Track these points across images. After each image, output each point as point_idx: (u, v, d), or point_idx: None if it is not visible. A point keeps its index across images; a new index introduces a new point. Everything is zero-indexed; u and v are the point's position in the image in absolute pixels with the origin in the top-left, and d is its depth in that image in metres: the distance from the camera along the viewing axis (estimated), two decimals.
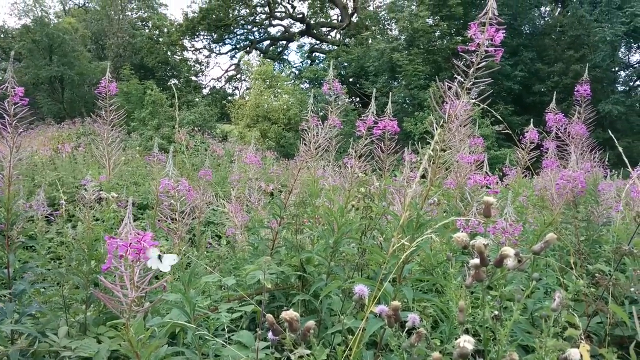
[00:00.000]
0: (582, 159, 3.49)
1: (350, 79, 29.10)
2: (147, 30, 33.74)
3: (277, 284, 2.89)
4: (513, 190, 3.71)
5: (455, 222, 1.87)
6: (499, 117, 2.71)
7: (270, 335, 1.04)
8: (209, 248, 3.98)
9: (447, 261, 1.50)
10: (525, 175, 4.20)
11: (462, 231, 1.74)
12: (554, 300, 1.12)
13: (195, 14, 32.18)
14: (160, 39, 32.64)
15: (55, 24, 27.48)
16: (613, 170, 4.41)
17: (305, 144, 2.80)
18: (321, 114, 2.83)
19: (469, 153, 3.71)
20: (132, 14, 35.42)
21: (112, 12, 32.76)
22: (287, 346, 0.98)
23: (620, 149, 2.81)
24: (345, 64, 28.96)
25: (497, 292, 1.69)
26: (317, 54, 35.44)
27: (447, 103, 1.53)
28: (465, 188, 2.20)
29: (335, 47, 31.30)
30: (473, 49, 1.50)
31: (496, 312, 0.89)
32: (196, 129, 18.55)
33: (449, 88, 1.50)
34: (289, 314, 0.97)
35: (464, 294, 1.82)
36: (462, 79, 1.52)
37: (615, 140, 3.06)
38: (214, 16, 32.10)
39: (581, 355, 0.90)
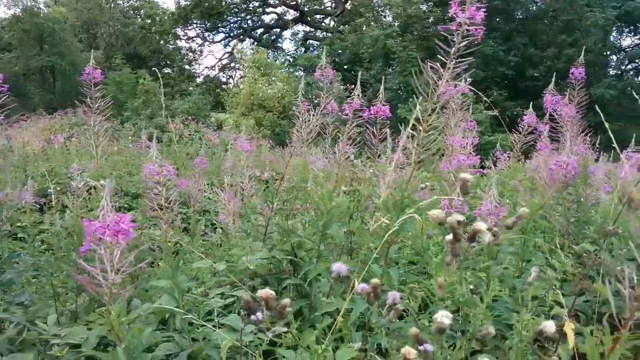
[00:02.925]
0: (574, 141, 3.50)
1: (345, 66, 29.02)
2: (139, 19, 33.49)
3: (270, 269, 2.90)
4: (506, 174, 3.73)
5: (441, 202, 1.87)
6: (486, 99, 2.70)
7: (253, 316, 1.04)
8: (205, 236, 3.98)
9: (428, 239, 1.50)
10: (519, 160, 4.22)
11: (446, 211, 1.75)
12: (531, 274, 1.13)
13: (188, 2, 31.92)
14: (153, 28, 32.40)
15: (46, 14, 27.22)
16: (604, 153, 4.43)
17: (296, 130, 2.80)
18: (316, 101, 2.82)
19: (462, 137, 3.71)
20: (123, 3, 35.16)
21: (104, 1, 32.48)
22: (265, 325, 0.98)
23: (610, 132, 2.82)
24: (340, 51, 28.88)
25: (482, 271, 1.70)
26: (311, 41, 35.27)
27: (429, 84, 1.52)
28: (450, 168, 2.21)
29: (330, 35, 31.17)
30: (454, 28, 1.49)
31: (472, 287, 0.89)
32: (190, 118, 18.46)
33: (432, 68, 1.49)
34: (265, 292, 0.97)
35: (452, 271, 1.83)
36: (445, 59, 1.51)
37: (607, 123, 3.07)
38: (206, 4, 31.85)
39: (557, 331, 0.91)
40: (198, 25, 34.27)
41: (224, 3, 32.76)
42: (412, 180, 1.59)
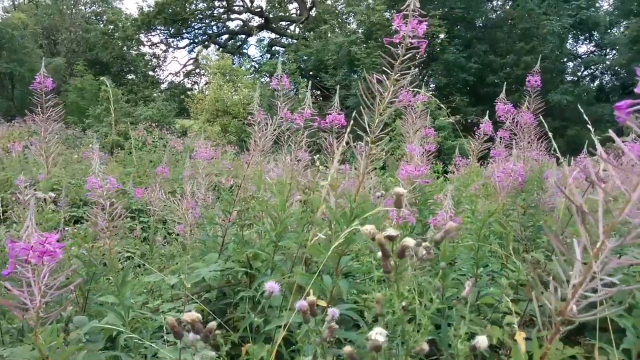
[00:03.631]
0: (530, 147, 3.57)
1: (310, 72, 29.10)
2: (101, 25, 32.85)
3: (229, 280, 2.86)
4: (464, 180, 3.79)
5: (389, 212, 1.88)
6: (441, 105, 2.73)
7: (192, 335, 1.01)
8: (164, 246, 3.91)
9: (370, 253, 1.51)
10: (481, 165, 4.28)
11: (394, 221, 1.75)
12: (465, 289, 1.14)
13: (151, 8, 31.45)
14: (116, 34, 31.82)
15: (4, 20, 26.46)
16: (562, 158, 4.54)
17: (253, 139, 2.78)
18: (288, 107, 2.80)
19: (422, 144, 3.75)
20: (85, 9, 34.46)
21: (64, 7, 31.75)
22: (192, 350, 0.96)
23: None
24: (305, 58, 28.92)
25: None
26: (276, 47, 35.22)
27: (375, 96, 1.53)
28: (399, 178, 2.22)
29: (295, 41, 31.19)
30: (397, 41, 1.50)
31: (404, 303, 0.89)
32: (154, 124, 18.16)
33: (378, 81, 1.50)
34: (190, 315, 0.95)
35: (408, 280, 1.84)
36: (389, 71, 1.52)
37: (567, 128, 3.13)
38: (170, 10, 31.45)
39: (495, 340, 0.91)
40: (162, 31, 33.82)
41: (188, 9, 32.41)
42: (362, 190, 1.58)
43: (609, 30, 27.95)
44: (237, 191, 2.92)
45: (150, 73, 33.82)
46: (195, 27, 34.77)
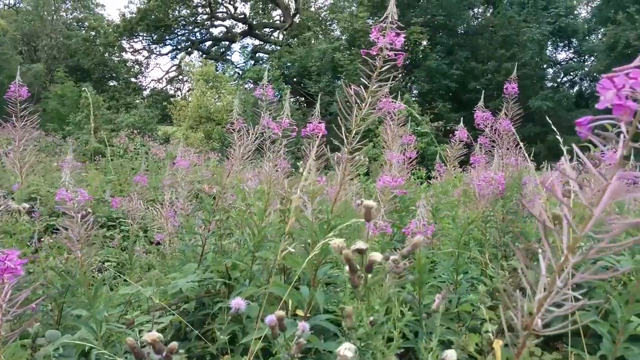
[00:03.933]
0: (509, 153, 3.59)
1: (294, 79, 29.13)
2: (83, 32, 32.55)
3: (208, 290, 2.83)
4: (443, 187, 3.80)
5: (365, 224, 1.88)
6: (418, 116, 2.75)
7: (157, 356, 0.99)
8: (143, 256, 3.86)
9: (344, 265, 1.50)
10: (464, 170, 4.31)
11: (370, 233, 1.75)
12: (435, 302, 1.14)
13: (133, 15, 31.25)
14: (97, 40, 31.54)
15: None
16: (543, 163, 4.59)
17: (232, 149, 2.76)
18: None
19: (402, 152, 3.76)
20: (66, 15, 34.15)
21: (45, 13, 31.41)
22: None
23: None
24: (289, 64, 28.97)
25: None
26: (260, 54, 35.23)
27: (353, 107, 1.53)
28: (377, 189, 2.22)
29: (278, 48, 31.22)
30: (375, 53, 1.50)
31: (372, 318, 0.88)
32: (136, 131, 17.99)
33: (356, 92, 1.50)
34: (151, 335, 0.93)
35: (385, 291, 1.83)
36: (367, 82, 1.52)
37: (547, 134, 3.17)
38: (153, 17, 31.29)
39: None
40: (144, 37, 33.60)
41: (170, 16, 32.28)
42: (343, 197, 1.58)
43: (587, 38, 28.47)
44: (216, 200, 2.90)
45: (133, 80, 33.57)
46: (179, 33, 34.64)
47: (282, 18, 34.38)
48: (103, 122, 21.54)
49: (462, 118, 4.01)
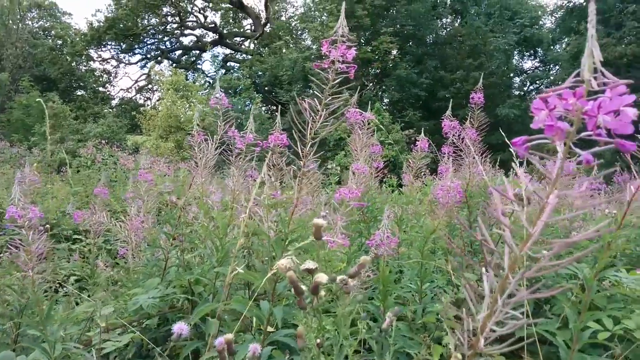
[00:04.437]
0: (475, 162, 3.63)
1: (266, 88, 29.11)
2: (49, 40, 31.91)
3: (173, 305, 2.77)
4: (406, 197, 3.82)
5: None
6: (382, 127, 2.76)
7: None
8: (105, 270, 3.76)
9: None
10: (434, 178, 4.33)
11: (328, 247, 1.74)
12: (385, 321, 1.13)
13: (101, 24, 30.79)
14: (64, 49, 30.96)
15: None
16: (510, 171, 4.65)
17: (194, 161, 2.72)
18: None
19: (369, 161, 3.77)
20: (32, 24, 33.43)
21: (10, 22, 30.68)
22: None
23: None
24: (260, 73, 28.94)
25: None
26: (231, 63, 35.08)
27: (307, 120, 1.52)
28: (334, 201, 2.21)
29: (250, 57, 31.16)
30: (326, 66, 1.50)
31: (318, 341, 0.87)
32: (104, 141, 17.66)
33: (310, 106, 1.49)
34: None
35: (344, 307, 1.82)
36: (320, 95, 1.52)
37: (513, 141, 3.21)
38: (121, 25, 30.88)
39: None
40: (113, 46, 33.12)
41: (139, 25, 31.91)
42: (296, 214, 1.56)
43: (552, 47, 29.24)
44: (179, 213, 2.85)
45: (101, 89, 33.03)
46: (148, 42, 34.26)
47: (252, 27, 34.37)
48: (70, 132, 21.10)
49: (433, 126, 4.04)
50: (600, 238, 1.97)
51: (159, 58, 34.29)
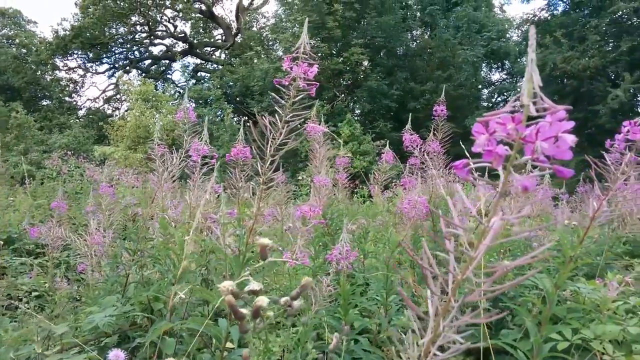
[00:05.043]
0: (439, 175, 3.66)
1: (237, 98, 28.98)
2: (13, 49, 31.15)
3: (134, 322, 2.71)
4: (371, 210, 3.83)
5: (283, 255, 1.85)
6: (339, 140, 2.75)
7: None
8: (63, 288, 3.65)
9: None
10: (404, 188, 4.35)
11: (288, 265, 1.71)
12: (333, 341, 1.12)
13: (67, 32, 30.20)
14: (29, 58, 30.26)
15: None
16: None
17: (155, 175, 2.67)
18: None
19: (334, 173, 3.77)
20: None
21: None
22: None
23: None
24: (231, 84, 28.81)
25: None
26: (202, 73, 34.82)
27: (267, 137, 1.50)
28: (295, 219, 2.20)
29: (220, 67, 31.00)
30: (286, 83, 1.48)
31: None
32: (70, 152, 17.24)
33: (272, 123, 1.47)
34: None
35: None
36: (281, 112, 1.50)
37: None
38: (88, 34, 30.36)
39: None
40: (79, 55, 32.51)
41: (107, 34, 31.43)
42: (254, 232, 1.53)
43: (518, 60, 29.94)
44: (141, 228, 2.79)
45: (67, 99, 32.35)
46: (116, 51, 33.76)
47: (223, 37, 34.23)
48: (34, 143, 20.60)
49: (399, 137, 4.06)
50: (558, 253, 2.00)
51: (128, 67, 33.81)
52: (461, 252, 0.68)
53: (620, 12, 22.14)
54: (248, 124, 2.67)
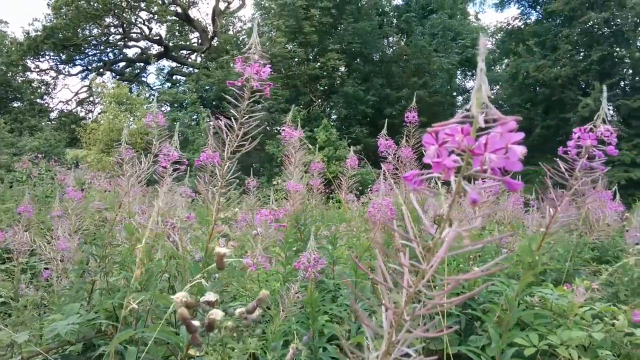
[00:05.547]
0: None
1: (213, 102, 28.76)
2: None
3: (100, 330, 2.65)
4: (340, 216, 3.83)
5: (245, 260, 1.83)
6: (310, 146, 2.75)
7: None
8: (28, 294, 3.55)
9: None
10: (379, 193, 4.35)
11: (250, 269, 1.69)
12: (289, 352, 1.10)
13: (39, 33, 29.58)
14: None
15: None
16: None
17: (124, 180, 2.62)
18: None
19: (308, 179, 3.76)
20: None
21: None
22: None
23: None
24: (207, 87, 28.58)
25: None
26: (177, 76, 34.46)
27: (224, 139, 1.48)
28: (256, 223, 2.18)
29: (196, 70, 30.74)
30: (240, 84, 1.47)
31: None
32: (41, 155, 16.85)
33: (228, 126, 1.45)
34: None
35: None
36: (236, 113, 1.48)
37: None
38: (60, 35, 29.79)
39: None
40: (51, 57, 31.86)
41: (80, 35, 30.87)
42: (213, 238, 1.51)
43: (492, 68, 30.39)
44: (107, 234, 2.74)
45: (39, 101, 31.65)
46: (89, 53, 33.18)
47: (199, 40, 33.97)
48: (4, 145, 20.08)
49: (375, 143, 4.06)
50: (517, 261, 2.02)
51: (101, 70, 33.26)
52: (412, 264, 0.68)
53: (591, 22, 22.65)
54: (213, 128, 2.63)
